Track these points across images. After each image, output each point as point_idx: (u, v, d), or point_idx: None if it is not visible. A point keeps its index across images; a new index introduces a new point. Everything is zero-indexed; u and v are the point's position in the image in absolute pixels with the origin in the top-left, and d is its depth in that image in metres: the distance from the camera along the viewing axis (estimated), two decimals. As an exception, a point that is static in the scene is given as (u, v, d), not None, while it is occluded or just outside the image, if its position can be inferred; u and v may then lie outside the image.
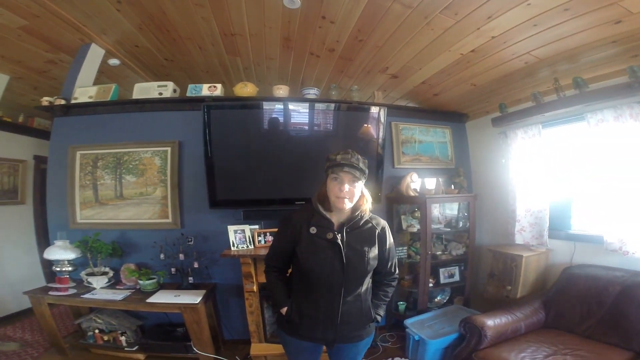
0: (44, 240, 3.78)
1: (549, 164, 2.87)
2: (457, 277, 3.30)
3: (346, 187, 1.37)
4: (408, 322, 2.80)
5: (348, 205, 1.40)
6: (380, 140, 3.02)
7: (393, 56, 2.68)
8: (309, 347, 1.54)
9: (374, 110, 3.00)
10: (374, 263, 1.46)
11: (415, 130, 3.53)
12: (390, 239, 1.54)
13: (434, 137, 3.61)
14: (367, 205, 1.49)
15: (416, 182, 3.29)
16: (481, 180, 3.69)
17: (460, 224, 3.35)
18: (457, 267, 3.31)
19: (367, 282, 1.50)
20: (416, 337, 2.60)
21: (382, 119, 3.00)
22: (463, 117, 3.78)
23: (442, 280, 3.24)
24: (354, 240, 1.42)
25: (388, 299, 1.59)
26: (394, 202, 3.35)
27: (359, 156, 1.42)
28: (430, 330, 2.69)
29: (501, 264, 2.94)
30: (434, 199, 3.13)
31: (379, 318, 1.54)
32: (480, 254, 3.43)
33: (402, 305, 3.23)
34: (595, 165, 2.45)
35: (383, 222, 1.54)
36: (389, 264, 1.54)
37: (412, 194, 3.21)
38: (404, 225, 3.24)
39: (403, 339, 2.89)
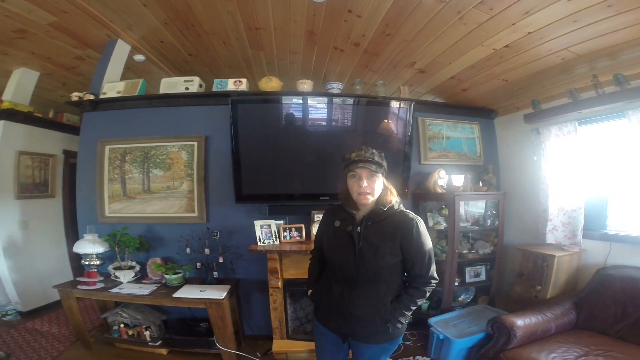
0: (72, 233, 4.00)
1: (585, 162, 2.87)
2: (483, 277, 3.35)
3: (364, 182, 1.43)
4: (432, 320, 2.87)
5: (371, 199, 1.46)
6: (406, 135, 3.07)
7: (421, 51, 2.73)
8: (333, 340, 1.58)
9: (401, 105, 3.05)
10: (391, 260, 1.43)
11: (442, 126, 3.56)
12: (420, 236, 1.45)
13: (462, 133, 3.64)
14: (394, 199, 1.50)
15: (443, 179, 3.32)
16: (510, 177, 3.70)
17: (488, 222, 3.39)
18: (483, 266, 3.36)
19: (389, 280, 1.47)
20: (441, 336, 2.67)
21: (409, 114, 3.04)
22: (492, 113, 3.79)
23: (468, 279, 3.29)
24: (372, 234, 1.45)
25: (412, 305, 1.47)
26: (420, 199, 3.40)
27: (374, 150, 1.48)
28: (455, 330, 2.75)
29: (531, 263, 2.98)
30: (462, 196, 3.17)
31: (397, 324, 1.46)
32: (507, 253, 3.46)
33: (425, 304, 3.31)
34: (635, 164, 2.45)
35: (412, 218, 1.46)
36: (417, 264, 1.46)
37: (439, 190, 3.25)
38: (431, 223, 3.29)
39: (424, 337, 2.97)
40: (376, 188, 1.46)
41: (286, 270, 2.82)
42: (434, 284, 1.50)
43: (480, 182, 3.49)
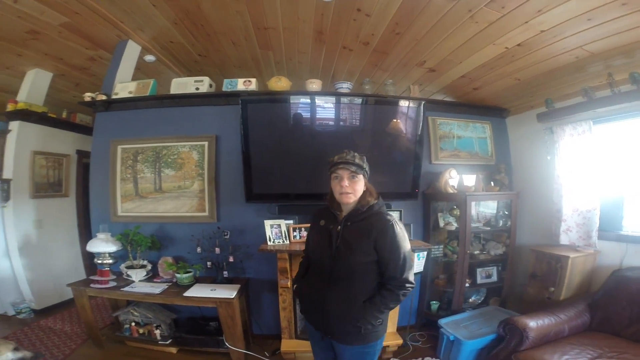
0: (85, 232, 4.12)
1: (600, 162, 2.84)
2: (494, 278, 3.34)
3: (346, 182, 1.53)
4: (442, 321, 2.88)
5: (352, 199, 1.56)
6: (417, 135, 3.07)
7: (432, 50, 2.73)
8: (318, 336, 1.64)
9: (410, 104, 3.05)
10: (364, 258, 1.49)
11: (453, 125, 3.56)
12: (395, 237, 1.48)
13: (473, 132, 3.63)
14: (373, 200, 1.58)
15: (455, 179, 3.32)
16: (523, 177, 3.68)
17: (500, 223, 3.38)
18: (495, 267, 3.35)
19: (363, 279, 1.52)
20: (451, 337, 2.67)
21: (419, 114, 3.04)
22: (504, 112, 3.78)
23: (479, 280, 3.29)
24: (349, 233, 1.54)
25: (384, 307, 1.49)
26: (431, 199, 3.39)
27: (355, 153, 1.59)
28: (466, 331, 2.76)
29: (545, 264, 2.97)
30: (474, 196, 3.17)
31: (367, 325, 1.47)
32: (520, 254, 3.44)
33: (434, 305, 3.32)
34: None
35: (388, 219, 1.51)
36: (390, 265, 1.49)
37: (450, 190, 3.24)
38: (441, 223, 3.29)
39: (434, 338, 2.98)
40: (357, 189, 1.56)
41: (296, 270, 2.80)
42: (409, 288, 1.52)
43: (492, 182, 3.48)
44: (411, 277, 1.52)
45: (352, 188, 1.54)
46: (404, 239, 1.52)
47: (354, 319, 1.49)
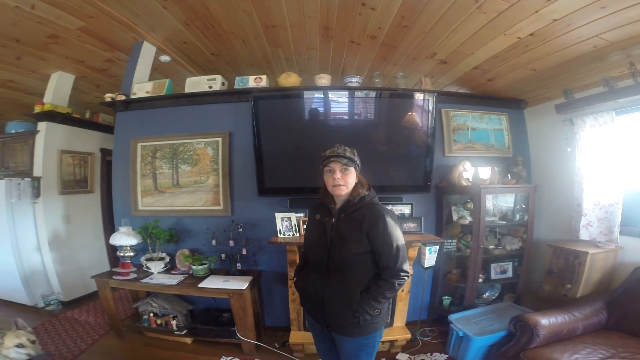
0: (109, 226, 4.36)
1: (624, 154, 2.73)
2: (509, 274, 3.28)
3: (338, 174, 1.59)
4: (452, 317, 2.87)
5: (345, 191, 1.61)
6: (429, 128, 3.05)
7: (441, 41, 2.70)
8: (319, 329, 1.68)
9: (421, 97, 3.02)
10: (357, 249, 1.53)
11: (467, 117, 3.49)
12: (387, 227, 1.52)
13: (488, 124, 3.55)
14: (364, 191, 1.64)
15: (469, 171, 3.26)
16: (542, 170, 3.57)
17: (517, 217, 3.31)
18: (510, 263, 3.29)
19: (359, 270, 1.56)
20: (460, 333, 2.67)
21: (430, 106, 3.01)
22: (521, 104, 3.67)
23: (493, 276, 3.25)
24: (343, 224, 1.60)
25: (380, 297, 1.52)
26: (445, 192, 3.35)
27: (346, 147, 1.65)
28: (476, 327, 2.74)
29: (562, 260, 2.89)
30: (489, 189, 3.11)
31: (365, 315, 1.51)
32: (537, 250, 3.36)
33: (446, 300, 3.31)
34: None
35: (379, 210, 1.56)
36: (385, 255, 1.53)
37: (464, 183, 3.19)
38: (455, 217, 3.26)
39: (444, 334, 2.98)
40: (349, 181, 1.61)
41: (306, 263, 2.92)
42: (405, 277, 1.55)
43: (509, 175, 3.40)
44: (405, 266, 1.56)
45: (344, 180, 1.60)
46: (396, 229, 1.57)
47: (352, 310, 1.52)
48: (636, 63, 2.36)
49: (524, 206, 3.32)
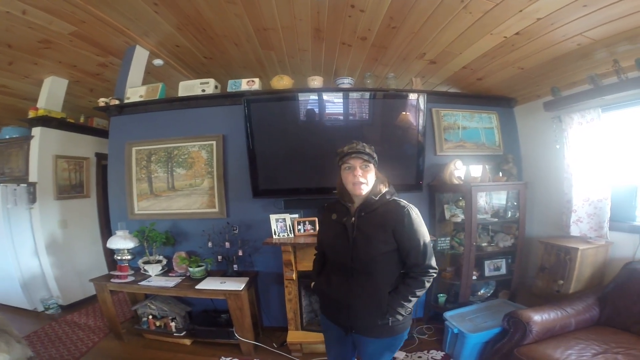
0: (106, 230, 4.30)
1: (611, 150, 2.73)
2: (503, 270, 3.27)
3: (359, 171, 1.50)
4: (447, 314, 2.86)
5: (365, 189, 1.51)
6: (420, 127, 3.04)
7: (430, 42, 2.69)
8: (337, 333, 1.63)
9: (413, 97, 3.01)
10: (384, 248, 1.45)
11: (458, 116, 3.49)
12: (413, 224, 1.46)
13: (479, 122, 3.54)
14: (385, 188, 1.56)
15: (460, 170, 3.25)
16: (532, 167, 3.57)
17: (509, 214, 3.30)
18: (503, 260, 3.27)
19: (386, 270, 1.49)
20: (455, 330, 2.65)
21: (421, 106, 3.01)
22: (511, 102, 3.67)
23: (487, 273, 3.23)
24: (365, 223, 1.50)
25: (410, 295, 1.46)
26: (437, 190, 3.35)
27: (365, 144, 1.55)
28: (471, 324, 2.72)
29: (553, 257, 2.88)
30: (480, 187, 3.10)
31: (396, 316, 1.46)
32: (530, 246, 3.35)
33: (442, 298, 3.29)
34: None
35: (403, 206, 1.49)
36: (412, 252, 1.46)
37: (455, 182, 3.18)
38: (447, 215, 3.25)
39: (440, 332, 2.97)
40: (369, 178, 1.52)
41: (300, 262, 2.91)
42: (433, 274, 1.49)
43: (500, 173, 3.39)
44: (434, 263, 1.51)
45: (365, 177, 1.51)
46: (422, 225, 1.50)
47: (381, 312, 1.46)
48: (620, 60, 2.36)
49: (515, 203, 3.30)
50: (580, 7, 1.91)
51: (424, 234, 1.49)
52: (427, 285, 1.49)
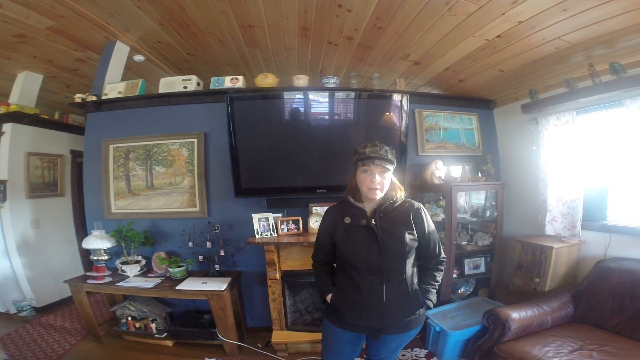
0: (82, 230, 4.11)
1: (584, 152, 2.79)
2: (482, 269, 3.29)
3: (377, 178, 1.47)
4: (429, 312, 2.83)
5: (379, 195, 1.50)
6: (403, 128, 3.04)
7: (414, 43, 2.66)
8: (352, 339, 1.58)
9: (396, 97, 3.01)
10: (412, 244, 1.48)
11: (439, 117, 3.50)
12: (427, 220, 1.55)
13: (459, 124, 3.56)
14: (399, 193, 1.57)
15: (441, 170, 3.27)
16: (510, 168, 3.62)
17: (488, 214, 3.32)
18: (482, 258, 3.30)
19: (411, 266, 1.51)
20: (437, 328, 2.65)
21: (404, 107, 3.01)
22: (491, 104, 3.70)
23: (467, 271, 3.24)
24: (388, 223, 1.49)
25: (437, 283, 1.57)
26: (418, 190, 3.36)
27: (387, 147, 1.51)
28: (452, 322, 2.73)
29: (530, 255, 2.92)
30: (459, 187, 3.11)
31: (429, 303, 1.53)
32: (507, 245, 3.39)
33: (424, 296, 3.28)
34: (634, 153, 2.36)
35: (417, 204, 1.57)
36: (431, 246, 1.55)
37: (436, 182, 3.19)
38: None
39: (423, 329, 2.95)
40: (385, 184, 1.51)
41: (284, 262, 2.85)
42: (445, 262, 1.61)
43: (480, 173, 3.42)
44: (444, 252, 1.61)
45: (382, 184, 1.48)
46: (431, 221, 1.60)
47: (413, 307, 1.50)
48: (595, 64, 2.40)
49: (493, 203, 3.33)
50: (560, 11, 1.92)
51: (435, 229, 1.60)
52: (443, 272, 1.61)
